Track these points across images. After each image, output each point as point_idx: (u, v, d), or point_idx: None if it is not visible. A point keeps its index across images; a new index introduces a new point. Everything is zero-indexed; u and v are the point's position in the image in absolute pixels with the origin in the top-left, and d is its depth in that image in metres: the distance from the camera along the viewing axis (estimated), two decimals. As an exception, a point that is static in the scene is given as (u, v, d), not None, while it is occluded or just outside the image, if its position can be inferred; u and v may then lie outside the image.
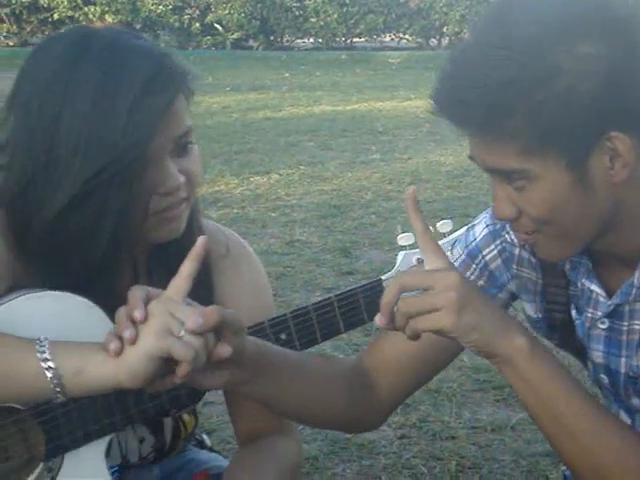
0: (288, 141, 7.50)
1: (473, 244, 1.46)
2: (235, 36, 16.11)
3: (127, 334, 1.17)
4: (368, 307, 1.56)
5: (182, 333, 1.17)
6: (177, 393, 1.45)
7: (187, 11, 16.33)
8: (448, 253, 1.45)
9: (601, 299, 1.34)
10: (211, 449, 1.78)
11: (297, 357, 1.41)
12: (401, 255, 1.61)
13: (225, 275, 1.56)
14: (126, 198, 1.33)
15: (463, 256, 1.46)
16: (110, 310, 1.32)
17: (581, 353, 1.43)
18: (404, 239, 1.54)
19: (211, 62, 13.55)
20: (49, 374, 1.19)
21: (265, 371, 1.32)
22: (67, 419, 1.39)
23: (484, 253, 1.45)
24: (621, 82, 1.18)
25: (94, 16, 16.02)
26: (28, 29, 16.60)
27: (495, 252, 1.45)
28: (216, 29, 16.17)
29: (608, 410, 1.33)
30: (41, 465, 1.41)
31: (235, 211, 5.30)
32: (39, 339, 1.22)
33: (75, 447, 1.40)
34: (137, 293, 1.19)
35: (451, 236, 1.58)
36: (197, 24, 16.19)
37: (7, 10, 16.73)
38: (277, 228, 4.99)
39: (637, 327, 1.32)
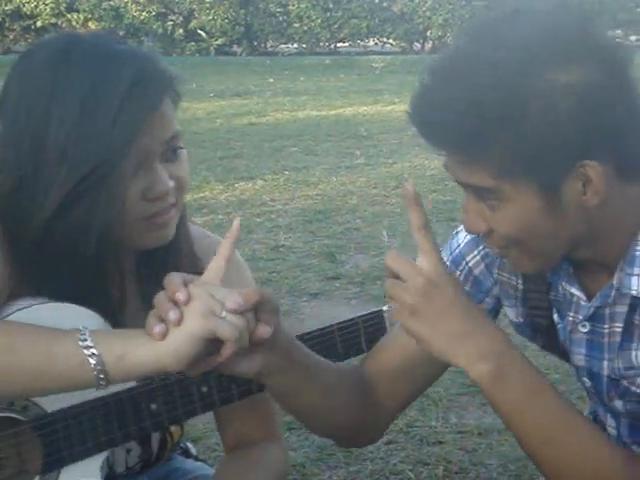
0: (272, 146, 7.49)
1: (457, 251, 1.46)
2: (219, 42, 16.12)
3: (172, 315, 1.16)
4: (368, 337, 1.55)
5: (224, 314, 1.18)
6: (175, 414, 1.45)
7: (170, 17, 16.32)
8: None
9: (582, 302, 1.35)
10: (196, 458, 1.77)
11: (318, 357, 1.40)
12: None
13: None
14: (114, 203, 1.32)
15: (447, 263, 1.45)
16: (106, 317, 1.34)
17: (565, 356, 1.43)
18: None
19: (195, 68, 13.53)
20: (92, 361, 1.19)
21: (292, 363, 1.31)
22: (66, 434, 1.39)
23: (467, 259, 1.45)
24: (595, 110, 1.18)
25: (77, 23, 16.01)
26: (11, 37, 16.56)
27: (478, 257, 1.45)
28: (200, 35, 16.17)
29: (585, 424, 1.29)
30: (37, 478, 1.40)
31: (220, 217, 5.28)
32: (78, 328, 1.22)
33: (72, 462, 1.40)
34: (175, 277, 1.20)
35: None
36: (180, 30, 16.19)
37: (-11, 18, 16.69)
38: (262, 234, 4.98)
39: (618, 329, 1.32)
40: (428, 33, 15.48)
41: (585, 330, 1.36)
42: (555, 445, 1.23)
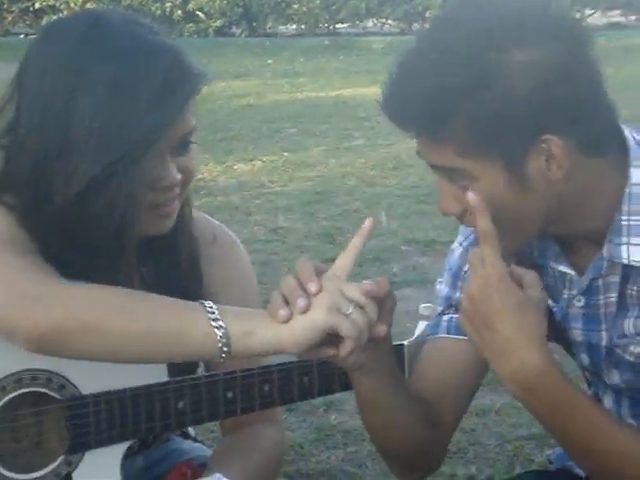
0: (271, 128, 7.48)
1: (455, 265, 1.49)
2: (217, 23, 16.05)
3: (301, 303, 1.20)
4: None
5: (350, 311, 1.21)
6: (199, 415, 1.48)
7: (169, -2, 16.25)
8: (437, 285, 1.50)
9: (574, 278, 1.37)
10: (195, 439, 1.78)
11: (398, 370, 1.44)
12: (422, 325, 1.63)
13: (213, 262, 1.57)
14: (138, 190, 1.32)
15: (450, 279, 1.49)
16: None
17: (563, 343, 1.44)
18: (426, 309, 1.59)
19: (194, 50, 13.35)
20: (219, 333, 1.22)
21: (389, 366, 1.35)
22: (97, 419, 1.41)
23: (465, 269, 1.47)
24: (555, 86, 1.21)
25: (75, 5, 15.93)
26: (9, 18, 16.48)
27: None
28: (198, 17, 16.10)
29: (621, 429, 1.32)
30: (62, 457, 1.42)
31: (219, 199, 5.29)
32: (202, 302, 1.26)
33: (97, 446, 1.42)
34: (308, 265, 1.23)
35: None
36: (179, 12, 16.11)
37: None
38: (261, 215, 4.99)
39: (613, 299, 1.34)
40: (427, 14, 15.39)
41: (580, 304, 1.37)
42: (594, 455, 1.27)
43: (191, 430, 1.79)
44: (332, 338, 1.23)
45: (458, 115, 1.21)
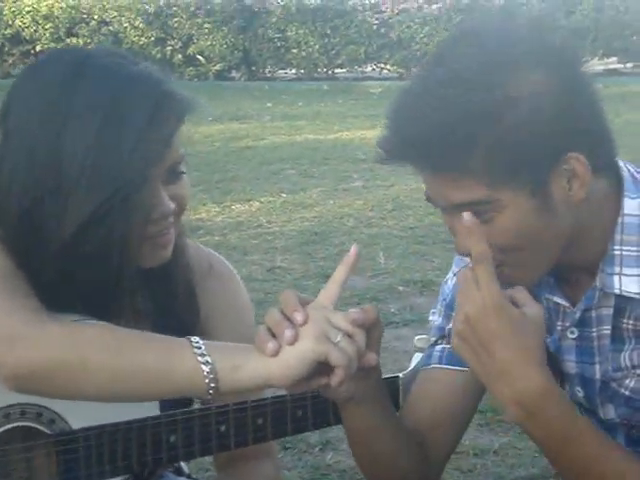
0: (270, 169, 7.50)
1: (449, 296, 1.48)
2: (217, 67, 16.18)
3: (288, 334, 1.19)
4: None
5: (338, 339, 1.20)
6: (191, 449, 1.46)
7: (169, 42, 16.39)
8: (431, 316, 1.50)
9: (567, 310, 1.36)
10: (189, 476, 1.76)
11: (389, 401, 1.42)
12: (417, 357, 1.63)
13: (209, 293, 1.56)
14: (135, 224, 1.32)
15: (443, 310, 1.48)
16: None
17: (559, 377, 1.42)
18: (421, 341, 1.59)
19: (193, 93, 13.55)
20: (206, 369, 1.21)
21: (380, 395, 1.34)
22: (87, 453, 1.39)
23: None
24: (569, 104, 1.22)
25: (76, 48, 16.07)
26: (10, 61, 16.61)
27: None
28: (198, 60, 16.24)
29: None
30: None
31: (216, 238, 5.28)
32: (188, 338, 1.24)
33: None
34: (292, 296, 1.22)
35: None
36: (179, 55, 16.25)
37: (-11, 42, 16.76)
38: (258, 255, 4.98)
39: (606, 332, 1.34)
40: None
41: (574, 336, 1.37)
42: (592, 478, 1.25)
43: (185, 467, 1.77)
44: (321, 369, 1.21)
45: (480, 145, 1.19)
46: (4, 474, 1.40)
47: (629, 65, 15.53)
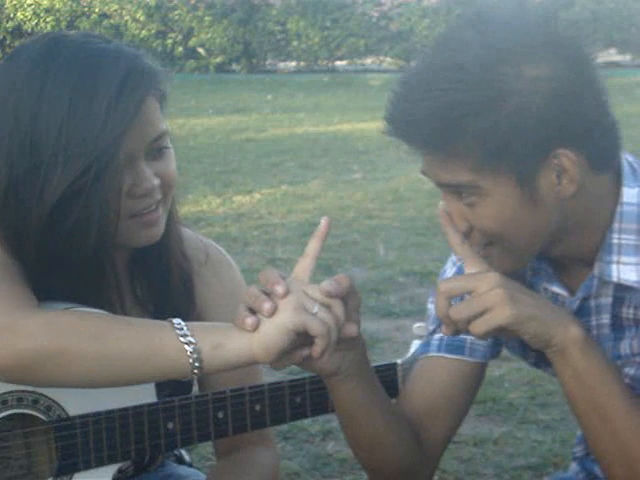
0: (270, 161, 7.50)
1: None
2: (218, 60, 16.17)
3: (267, 306, 1.20)
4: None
5: (315, 310, 1.21)
6: (189, 435, 1.47)
7: (170, 35, 16.38)
8: (429, 304, 1.50)
9: (566, 300, 1.37)
10: (190, 465, 1.77)
11: (375, 379, 1.43)
12: (416, 344, 1.63)
13: (206, 281, 1.57)
14: (110, 199, 1.33)
15: None
16: None
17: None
18: (419, 329, 1.60)
19: (194, 85, 13.56)
20: (189, 349, 1.22)
21: (366, 370, 1.35)
22: (85, 440, 1.40)
23: None
24: (565, 101, 1.23)
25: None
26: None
27: None
28: (199, 53, 16.22)
29: None
30: None
31: (217, 230, 5.29)
32: (170, 320, 1.25)
33: (86, 468, 1.41)
34: (273, 271, 1.23)
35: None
36: (180, 48, 16.24)
37: (-10, 35, 16.75)
38: (259, 247, 4.99)
39: (605, 321, 1.34)
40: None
41: None
42: (632, 417, 1.27)
43: (186, 456, 1.78)
44: (303, 341, 1.22)
45: (471, 130, 1.21)
46: (1, 460, 1.41)
47: (628, 57, 15.51)
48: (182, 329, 1.23)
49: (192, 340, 1.22)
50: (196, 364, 1.22)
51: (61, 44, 1.38)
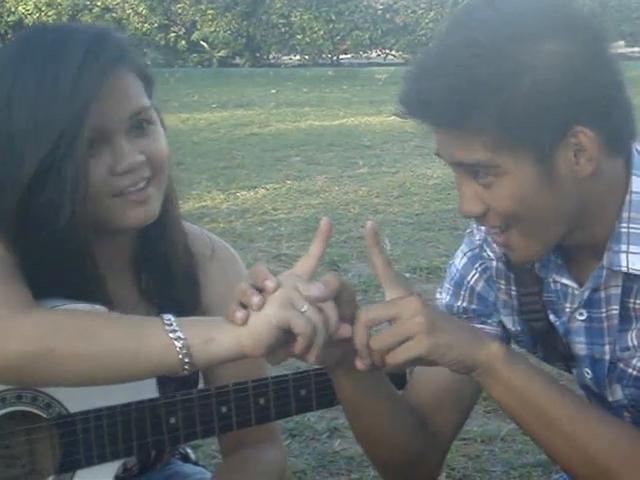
0: (275, 156, 7.49)
1: (457, 275, 1.48)
2: (221, 54, 16.15)
3: (255, 300, 1.20)
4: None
5: (305, 308, 1.19)
6: (193, 430, 1.46)
7: (173, 29, 16.36)
8: (437, 295, 1.50)
9: (576, 291, 1.36)
10: (196, 463, 1.76)
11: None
12: None
13: (211, 276, 1.57)
14: (80, 175, 1.33)
15: (451, 288, 1.49)
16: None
17: (567, 360, 1.42)
18: None
19: (197, 79, 13.56)
20: (178, 344, 1.22)
21: None
22: (86, 436, 1.40)
23: (468, 279, 1.47)
24: (584, 77, 1.21)
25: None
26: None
27: (477, 275, 1.47)
28: (202, 47, 16.21)
29: (595, 406, 1.35)
30: (52, 477, 1.41)
31: (222, 225, 5.28)
32: (160, 316, 1.25)
33: (88, 465, 1.41)
34: (263, 268, 1.23)
35: None
36: (183, 42, 16.23)
37: (-7, 29, 16.76)
38: (264, 242, 4.98)
39: (615, 312, 1.33)
40: (431, 45, 15.50)
41: (582, 318, 1.36)
42: (580, 418, 1.25)
43: (192, 454, 1.77)
44: (294, 336, 1.21)
45: (489, 106, 1.20)
46: (2, 457, 1.41)
47: (636, 49, 15.47)
48: (171, 325, 1.23)
49: (181, 335, 1.22)
50: (186, 359, 1.22)
51: (36, 32, 1.44)
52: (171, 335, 1.22)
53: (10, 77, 1.37)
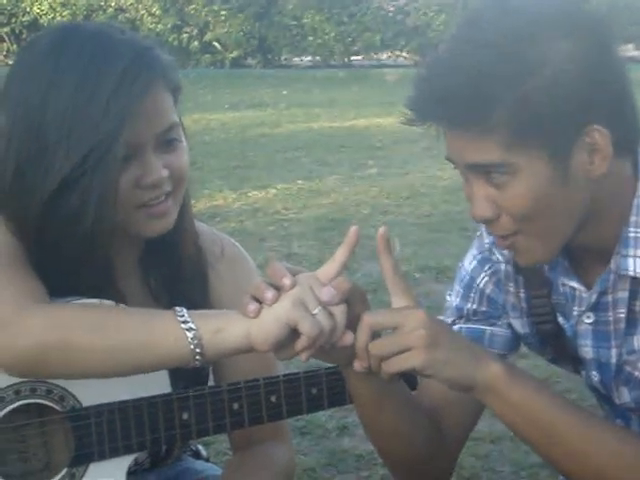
0: (286, 157, 7.50)
1: (467, 277, 1.48)
2: (234, 54, 16.18)
3: (269, 295, 1.20)
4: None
5: (316, 311, 1.19)
6: (204, 426, 1.47)
7: (185, 30, 16.40)
8: (447, 297, 1.49)
9: (583, 295, 1.36)
10: (207, 460, 1.77)
11: None
12: None
13: (221, 276, 1.57)
14: (107, 188, 1.34)
15: (461, 291, 1.48)
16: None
17: (575, 362, 1.43)
18: None
19: (210, 80, 13.59)
20: (190, 335, 1.22)
21: None
22: (99, 430, 1.41)
23: (477, 281, 1.47)
24: (598, 75, 1.21)
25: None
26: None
27: (487, 277, 1.46)
28: (215, 48, 16.24)
29: (596, 415, 1.34)
30: (65, 470, 1.42)
31: (233, 225, 5.30)
32: (174, 308, 1.26)
33: (101, 459, 1.42)
34: (281, 266, 1.23)
35: None
36: (196, 43, 16.26)
37: (7, 29, 16.84)
38: (275, 242, 4.99)
39: (622, 315, 1.33)
40: (440, 47, 15.47)
41: (589, 321, 1.36)
42: (581, 429, 1.25)
43: (203, 451, 1.78)
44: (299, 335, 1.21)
45: (503, 102, 1.18)
46: (16, 450, 1.43)
47: (644, 51, 15.41)
48: (183, 316, 1.24)
49: (193, 326, 1.23)
50: (197, 350, 1.22)
51: (73, 34, 1.40)
52: (183, 326, 1.23)
53: (47, 80, 1.35)
